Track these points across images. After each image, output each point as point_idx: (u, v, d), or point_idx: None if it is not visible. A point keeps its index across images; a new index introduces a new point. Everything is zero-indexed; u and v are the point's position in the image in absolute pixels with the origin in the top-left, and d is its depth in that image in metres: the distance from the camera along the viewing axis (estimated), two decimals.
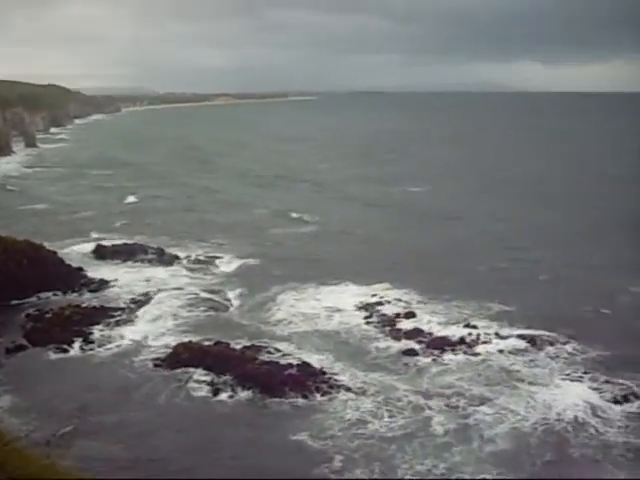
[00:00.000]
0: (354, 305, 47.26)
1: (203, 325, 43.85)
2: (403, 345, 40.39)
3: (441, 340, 40.68)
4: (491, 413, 32.22)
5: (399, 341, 41.02)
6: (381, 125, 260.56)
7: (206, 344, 39.21)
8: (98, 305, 46.50)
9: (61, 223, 73.51)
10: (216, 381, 35.38)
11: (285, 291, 50.03)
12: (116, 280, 52.41)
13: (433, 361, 38.29)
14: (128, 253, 59.60)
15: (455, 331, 41.89)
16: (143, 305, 47.08)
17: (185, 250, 61.38)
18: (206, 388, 34.89)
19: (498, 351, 39.36)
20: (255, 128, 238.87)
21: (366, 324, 44.04)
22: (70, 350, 39.89)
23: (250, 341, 40.29)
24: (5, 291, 46.41)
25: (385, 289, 50.19)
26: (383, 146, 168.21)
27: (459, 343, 40.29)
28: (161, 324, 43.81)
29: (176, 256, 59.18)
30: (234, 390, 34.63)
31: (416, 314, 45.21)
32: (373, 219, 77.05)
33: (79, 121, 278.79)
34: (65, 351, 39.74)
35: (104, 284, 51.33)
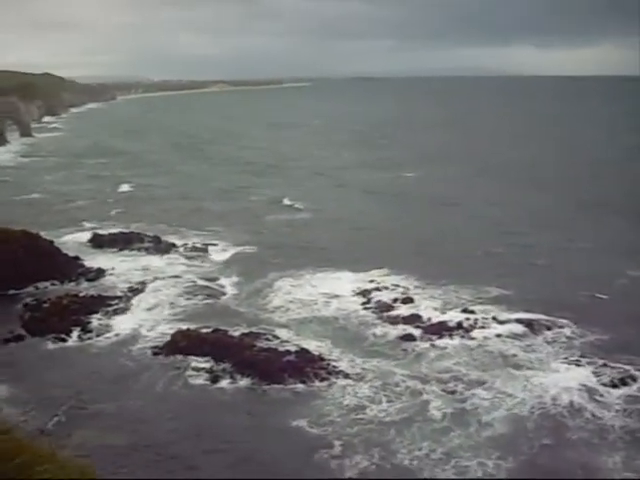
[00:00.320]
0: (351, 291, 47.30)
1: (201, 313, 43.89)
2: (401, 330, 40.45)
3: (439, 325, 40.74)
4: (488, 397, 32.33)
5: (397, 327, 41.08)
6: (374, 111, 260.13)
7: (204, 331, 39.23)
8: (96, 294, 46.48)
9: (57, 212, 73.37)
10: (215, 368, 35.44)
11: (282, 278, 50.06)
12: (113, 269, 52.41)
13: (431, 346, 38.36)
14: (125, 242, 59.55)
15: (453, 316, 41.94)
16: (140, 294, 47.08)
17: (181, 238, 61.37)
18: (205, 375, 34.96)
19: (496, 336, 39.44)
20: (250, 115, 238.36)
21: (364, 310, 44.10)
22: (68, 339, 39.91)
23: (248, 328, 40.33)
24: (2, 281, 46.40)
25: (382, 275, 50.24)
26: (376, 131, 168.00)
27: (457, 328, 40.34)
28: (159, 312, 43.85)
29: (173, 244, 59.13)
30: (233, 377, 34.70)
31: (414, 299, 45.28)
32: (368, 205, 77.01)
33: (74, 110, 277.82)
34: (63, 340, 39.76)
35: (101, 273, 51.29)
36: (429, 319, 41.73)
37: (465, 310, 42.98)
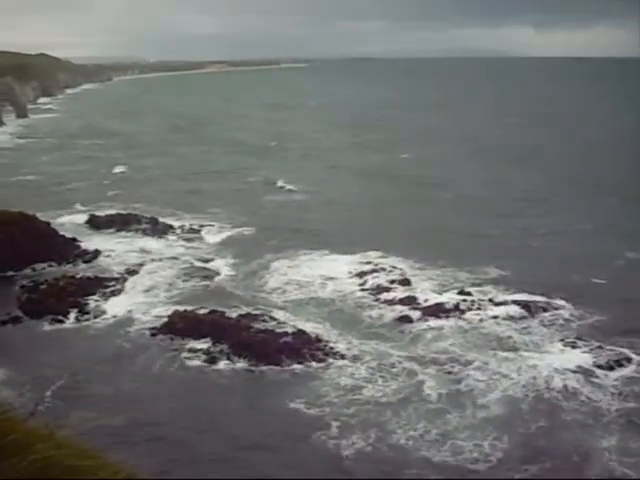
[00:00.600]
0: (348, 273, 47.35)
1: (198, 294, 43.95)
2: (397, 312, 40.55)
3: (435, 307, 40.82)
4: (484, 379, 32.49)
5: (393, 308, 41.18)
6: (370, 92, 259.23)
7: (201, 313, 39.32)
8: (92, 276, 46.49)
9: (54, 193, 73.23)
10: (212, 350, 35.56)
11: (278, 259, 50.12)
12: (110, 250, 52.41)
13: (427, 328, 38.47)
14: (122, 223, 59.52)
15: (449, 298, 42.02)
16: (137, 275, 47.12)
17: (178, 219, 61.34)
18: (202, 357, 35.08)
19: (492, 317, 39.55)
20: (247, 96, 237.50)
21: (360, 291, 44.18)
22: (65, 321, 40.00)
23: (245, 309, 40.42)
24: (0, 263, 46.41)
25: (379, 257, 50.25)
26: (372, 112, 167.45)
27: (453, 310, 40.43)
28: (156, 294, 43.90)
29: (170, 226, 59.12)
30: (230, 359, 34.82)
31: (410, 281, 45.34)
32: (363, 187, 76.79)
33: (70, 91, 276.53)
34: (60, 322, 39.84)
35: (98, 254, 51.30)
36: (426, 301, 41.80)
37: (462, 292, 43.06)
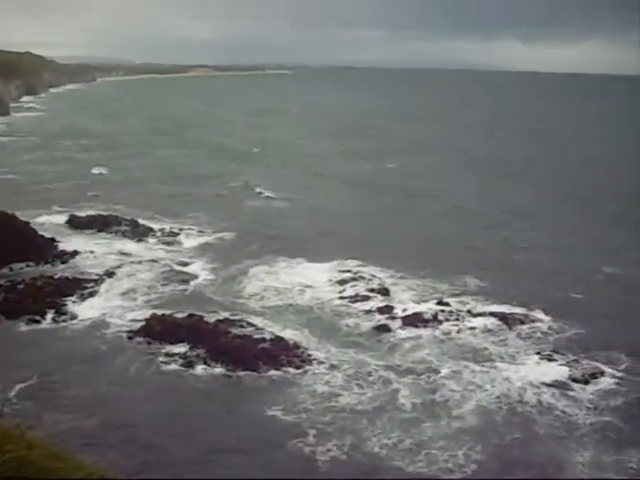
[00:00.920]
0: (327, 280, 47.38)
1: (176, 298, 43.82)
2: (376, 321, 40.64)
3: (414, 317, 40.90)
4: (459, 390, 32.62)
5: (372, 317, 41.27)
6: (357, 100, 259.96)
7: (179, 317, 39.18)
8: (71, 277, 46.17)
9: (34, 193, 72.68)
10: (189, 354, 35.44)
11: (257, 265, 50.05)
12: (89, 251, 52.09)
13: (405, 337, 38.57)
14: (102, 224, 59.23)
15: (428, 308, 42.13)
16: (116, 277, 46.87)
17: (159, 222, 61.11)
18: (179, 361, 34.94)
19: (470, 328, 39.71)
20: (231, 101, 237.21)
21: (339, 299, 44.20)
22: (42, 322, 39.69)
23: (223, 314, 40.33)
24: None
25: (358, 265, 50.30)
26: (359, 121, 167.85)
27: (432, 320, 40.53)
28: (134, 296, 43.72)
29: (150, 228, 58.91)
30: (207, 363, 34.73)
31: (389, 290, 45.45)
32: (347, 195, 76.85)
33: (54, 90, 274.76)
34: (37, 322, 39.54)
35: (77, 255, 50.99)
36: (404, 310, 41.89)
37: (440, 302, 43.21)
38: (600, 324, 40.57)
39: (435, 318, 40.77)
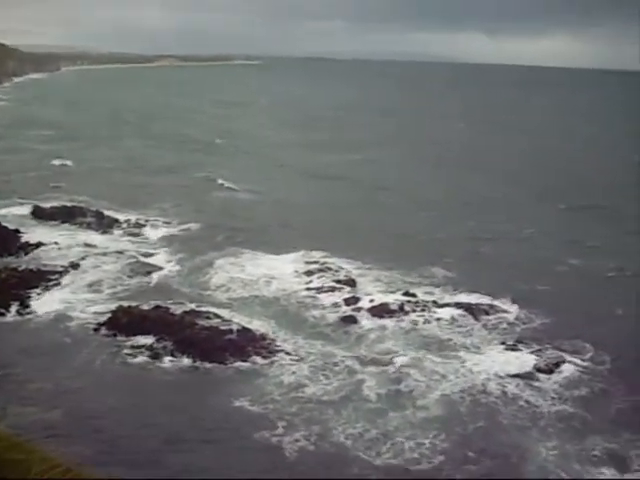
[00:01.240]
0: (293, 272, 47.41)
1: (142, 289, 43.62)
2: (342, 312, 40.81)
3: (380, 308, 41.12)
4: (424, 380, 32.87)
5: (338, 308, 41.42)
6: (323, 92, 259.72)
7: (145, 309, 38.98)
8: (35, 269, 45.68)
9: None
10: (155, 346, 35.30)
11: (223, 257, 49.97)
12: (54, 243, 51.55)
13: (371, 328, 38.79)
14: (66, 216, 58.63)
15: (394, 299, 42.36)
16: (81, 269, 46.49)
17: (124, 213, 60.62)
18: (145, 353, 34.82)
19: (436, 319, 40.03)
20: (198, 91, 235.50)
21: (306, 290, 44.29)
22: (7, 314, 39.23)
23: (190, 306, 40.22)
24: None
25: (325, 257, 50.39)
26: (325, 113, 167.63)
27: (398, 311, 40.78)
28: (100, 288, 43.41)
29: (115, 219, 58.50)
30: (174, 355, 34.64)
31: (356, 282, 45.62)
32: (312, 187, 76.72)
33: (17, 79, 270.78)
34: (1, 315, 39.08)
35: (41, 247, 50.43)
36: (371, 301, 42.08)
37: (407, 293, 43.47)
38: (565, 315, 41.14)
39: (401, 309, 41.02)
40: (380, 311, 40.71)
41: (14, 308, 39.83)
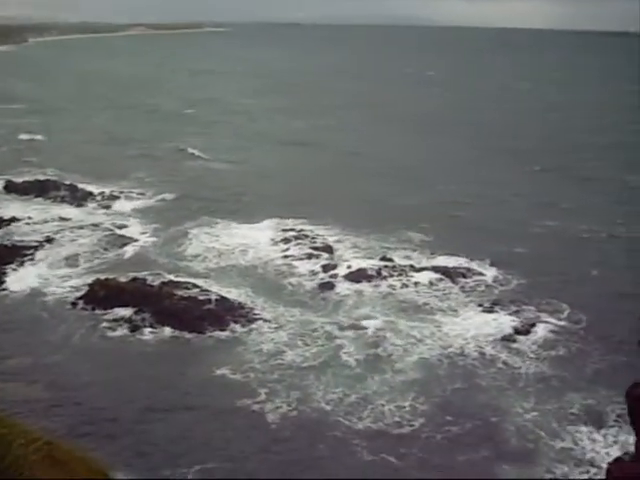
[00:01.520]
0: (269, 240, 47.38)
1: (118, 262, 43.47)
2: (319, 279, 40.96)
3: (358, 273, 41.30)
4: (402, 344, 33.15)
5: (316, 275, 41.54)
6: (296, 58, 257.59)
7: (123, 281, 38.84)
8: (10, 244, 45.33)
9: None
10: (134, 318, 35.25)
11: (199, 226, 49.89)
12: (28, 217, 51.10)
13: (349, 294, 38.96)
14: (40, 190, 58.06)
15: (372, 264, 42.52)
16: (57, 243, 46.18)
17: (98, 186, 60.05)
18: (125, 325, 34.79)
19: (413, 283, 40.27)
20: (168, 61, 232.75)
21: (282, 258, 44.32)
22: None
23: (167, 277, 40.15)
24: None
25: (301, 224, 50.37)
26: (294, 78, 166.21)
27: (376, 276, 40.99)
28: (76, 262, 43.17)
29: (90, 192, 58.04)
30: (153, 327, 34.66)
31: (333, 248, 45.71)
32: (285, 155, 76.31)
33: None
34: None
35: (15, 222, 49.97)
36: (348, 267, 42.23)
37: (384, 258, 43.64)
38: (542, 276, 41.54)
39: (379, 274, 41.22)
40: (358, 277, 40.88)
41: None
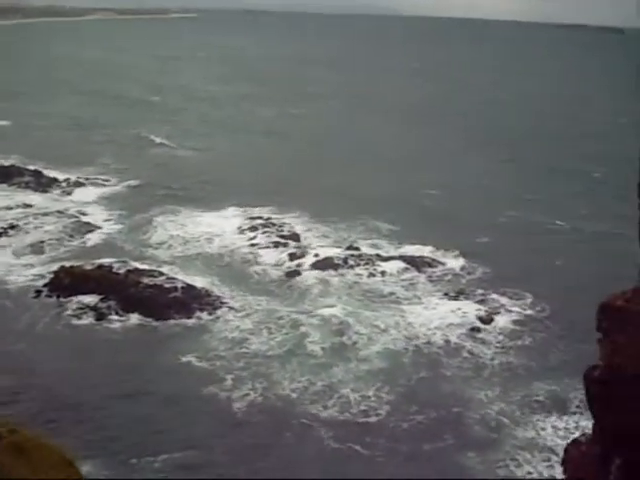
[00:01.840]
0: (236, 228, 47.25)
1: (84, 249, 43.18)
2: (286, 267, 40.98)
3: (324, 262, 41.35)
4: (366, 333, 33.30)
5: (282, 263, 41.54)
6: (265, 46, 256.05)
7: (88, 268, 38.49)
8: None
9: None
10: (100, 306, 35.00)
11: (164, 214, 49.70)
12: None
13: (315, 283, 39.02)
14: (3, 176, 57.17)
15: (339, 253, 42.57)
16: (20, 230, 45.55)
17: (62, 173, 59.28)
18: (90, 313, 34.53)
19: (380, 272, 40.43)
20: (133, 46, 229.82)
21: (249, 247, 44.23)
22: None
23: (133, 264, 39.85)
24: None
25: (268, 212, 50.28)
26: (262, 66, 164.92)
27: (342, 265, 41.05)
28: (40, 249, 42.71)
29: (54, 179, 57.35)
30: (119, 314, 34.50)
31: (300, 237, 45.69)
32: (252, 143, 75.96)
33: None
34: None
35: None
36: (315, 256, 42.26)
37: (351, 247, 43.71)
38: (507, 266, 42.00)
39: (346, 263, 41.30)
40: (324, 265, 40.94)
41: None
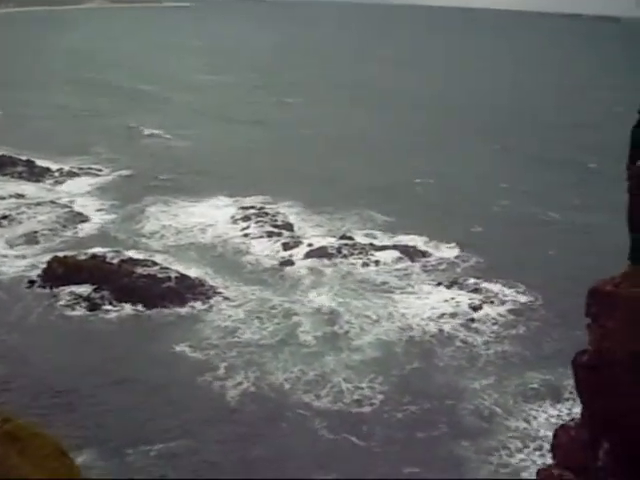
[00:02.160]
0: (229, 218, 47.21)
1: (77, 239, 43.10)
2: (279, 257, 40.97)
3: (318, 251, 41.37)
4: (359, 323, 33.38)
5: (275, 253, 41.53)
6: (260, 35, 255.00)
7: (81, 258, 38.42)
8: None
9: None
10: (93, 296, 34.94)
11: (157, 203, 49.66)
12: None
13: (308, 273, 39.05)
14: None
15: (332, 243, 42.57)
16: (13, 220, 45.41)
17: (55, 162, 59.08)
18: (84, 303, 34.49)
19: (374, 262, 40.47)
20: (128, 35, 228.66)
21: (242, 237, 44.22)
22: None
23: (127, 254, 39.80)
24: None
25: (262, 202, 50.21)
26: (256, 55, 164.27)
27: (336, 255, 41.06)
28: (33, 239, 42.59)
29: (47, 168, 57.17)
30: (112, 304, 34.48)
31: (294, 226, 45.68)
32: (244, 132, 75.40)
33: None
34: None
35: None
36: (309, 245, 42.26)
37: (344, 237, 43.69)
38: (500, 255, 42.06)
39: (339, 252, 41.29)
40: (318, 255, 40.95)
41: None
